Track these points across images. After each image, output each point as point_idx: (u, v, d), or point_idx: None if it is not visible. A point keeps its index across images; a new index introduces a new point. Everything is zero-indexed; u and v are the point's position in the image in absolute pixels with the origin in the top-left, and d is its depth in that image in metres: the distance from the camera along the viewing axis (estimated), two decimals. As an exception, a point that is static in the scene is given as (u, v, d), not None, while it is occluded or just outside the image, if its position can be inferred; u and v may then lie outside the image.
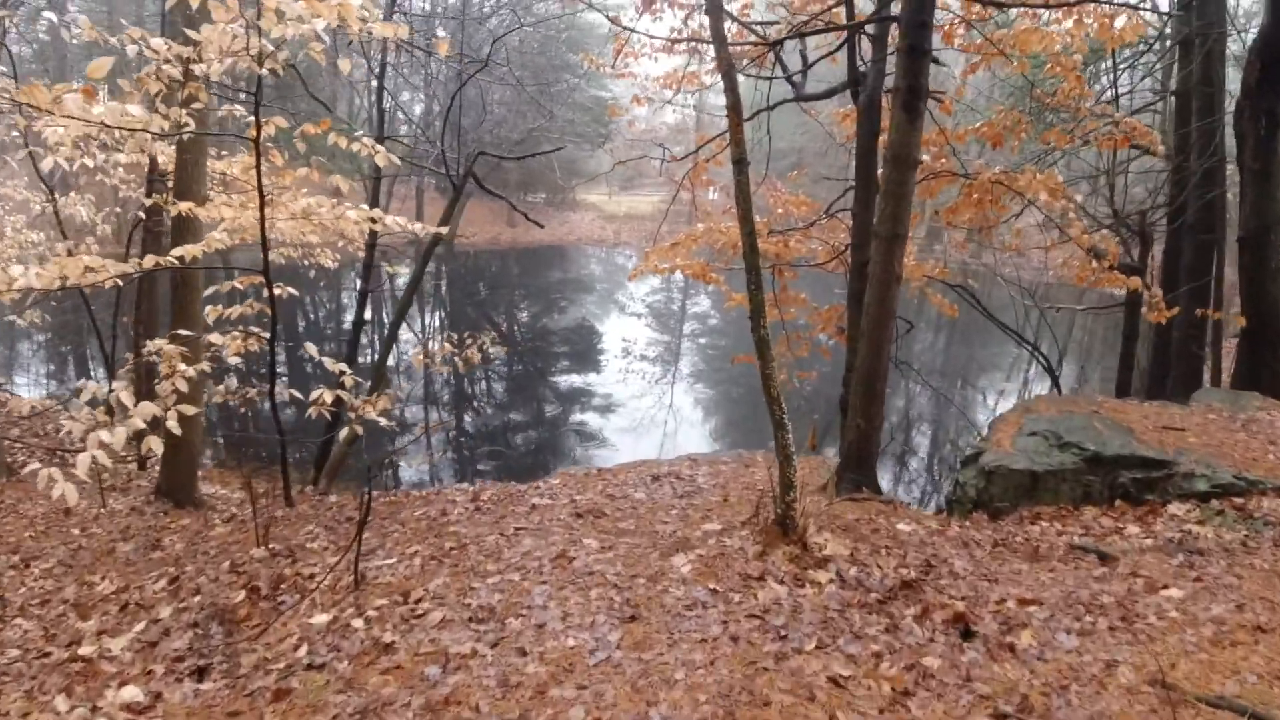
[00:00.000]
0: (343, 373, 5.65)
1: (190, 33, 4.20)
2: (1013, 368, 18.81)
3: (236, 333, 6.26)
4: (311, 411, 5.47)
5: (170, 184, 6.75)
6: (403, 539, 5.06)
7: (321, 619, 3.93)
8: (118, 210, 10.05)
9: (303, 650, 3.68)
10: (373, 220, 6.66)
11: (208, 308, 5.69)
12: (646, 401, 15.29)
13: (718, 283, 9.96)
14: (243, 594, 4.46)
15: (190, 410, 4.52)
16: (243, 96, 7.27)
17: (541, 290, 29.02)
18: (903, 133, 5.48)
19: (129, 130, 4.03)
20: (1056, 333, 13.17)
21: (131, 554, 5.54)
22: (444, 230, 7.38)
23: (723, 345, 20.56)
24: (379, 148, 5.30)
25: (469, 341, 7.94)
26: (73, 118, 3.49)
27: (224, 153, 8.41)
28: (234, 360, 6.09)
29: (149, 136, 4.20)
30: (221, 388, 6.38)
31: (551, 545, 4.59)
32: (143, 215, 8.11)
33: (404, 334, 21.12)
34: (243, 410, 10.39)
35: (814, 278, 12.24)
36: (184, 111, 4.74)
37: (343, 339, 15.07)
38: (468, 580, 4.13)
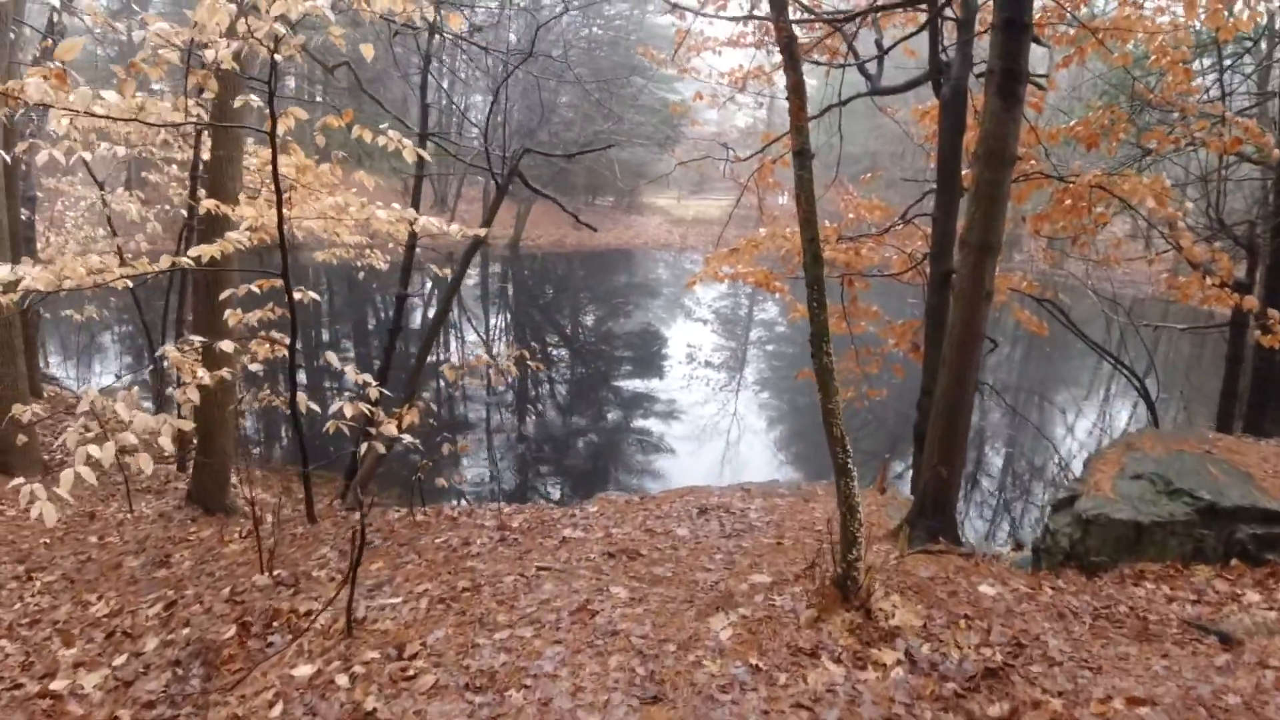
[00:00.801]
0: (367, 384, 5.21)
1: (187, 12, 3.81)
2: (1093, 385, 17.54)
3: (261, 335, 5.92)
4: (328, 426, 5.04)
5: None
6: (414, 573, 4.57)
7: (304, 671, 3.46)
8: (167, 208, 9.94)
9: (277, 709, 3.21)
10: (410, 222, 6.25)
11: (226, 312, 5.33)
12: (709, 409, 14.80)
13: (782, 292, 9.24)
14: (233, 629, 4.04)
15: (187, 425, 4.12)
16: (289, 86, 7.01)
17: (607, 294, 28.65)
18: (998, 123, 4.68)
19: (118, 120, 3.63)
20: (1146, 353, 12.02)
21: (137, 571, 5.21)
22: (483, 232, 6.92)
23: (790, 354, 19.79)
24: (406, 142, 4.83)
25: (509, 355, 7.48)
26: (41, 104, 3.09)
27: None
28: (255, 367, 5.73)
29: (145, 127, 3.80)
30: (246, 394, 6.04)
31: (575, 593, 4.04)
32: (185, 213, 7.92)
33: (469, 335, 20.97)
34: (288, 412, 10.19)
35: (887, 288, 11.45)
36: (191, 101, 4.37)
37: (411, 338, 14.88)
38: (472, 634, 3.61)
